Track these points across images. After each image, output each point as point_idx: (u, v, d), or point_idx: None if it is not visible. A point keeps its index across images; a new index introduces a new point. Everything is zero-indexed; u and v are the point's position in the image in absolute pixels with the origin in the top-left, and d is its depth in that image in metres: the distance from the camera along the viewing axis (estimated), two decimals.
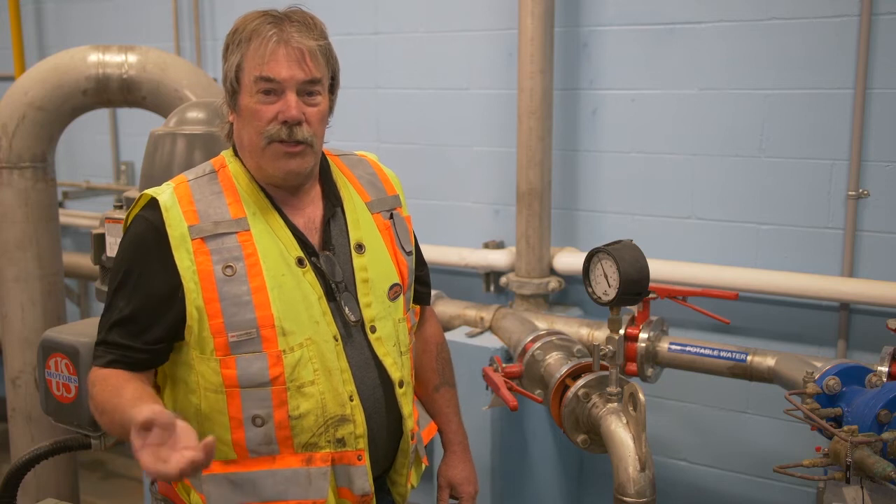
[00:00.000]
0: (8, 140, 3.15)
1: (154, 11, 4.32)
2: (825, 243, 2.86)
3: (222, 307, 1.62)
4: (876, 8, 2.70)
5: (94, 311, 4.83)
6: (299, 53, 1.64)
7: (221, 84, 1.73)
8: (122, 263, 1.69)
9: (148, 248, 1.65)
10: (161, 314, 1.65)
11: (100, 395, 1.63)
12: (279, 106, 1.64)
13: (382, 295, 1.79)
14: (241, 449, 1.68)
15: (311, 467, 1.69)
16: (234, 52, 1.66)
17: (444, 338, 2.12)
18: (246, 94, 1.65)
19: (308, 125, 1.66)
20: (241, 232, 1.66)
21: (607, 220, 3.24)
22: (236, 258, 1.64)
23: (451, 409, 2.07)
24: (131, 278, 1.66)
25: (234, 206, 1.68)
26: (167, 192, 1.69)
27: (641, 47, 3.10)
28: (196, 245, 1.63)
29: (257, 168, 1.70)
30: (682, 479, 3.22)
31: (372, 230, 1.82)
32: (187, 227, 1.64)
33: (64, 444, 2.30)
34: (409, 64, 3.59)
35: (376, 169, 1.93)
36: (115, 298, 1.67)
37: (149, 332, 1.65)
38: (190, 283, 1.62)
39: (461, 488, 2.05)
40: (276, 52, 1.62)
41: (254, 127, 1.66)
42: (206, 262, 1.63)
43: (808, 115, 2.84)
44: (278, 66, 1.62)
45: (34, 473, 2.52)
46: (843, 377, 2.07)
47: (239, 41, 1.65)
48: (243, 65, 1.64)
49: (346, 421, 1.70)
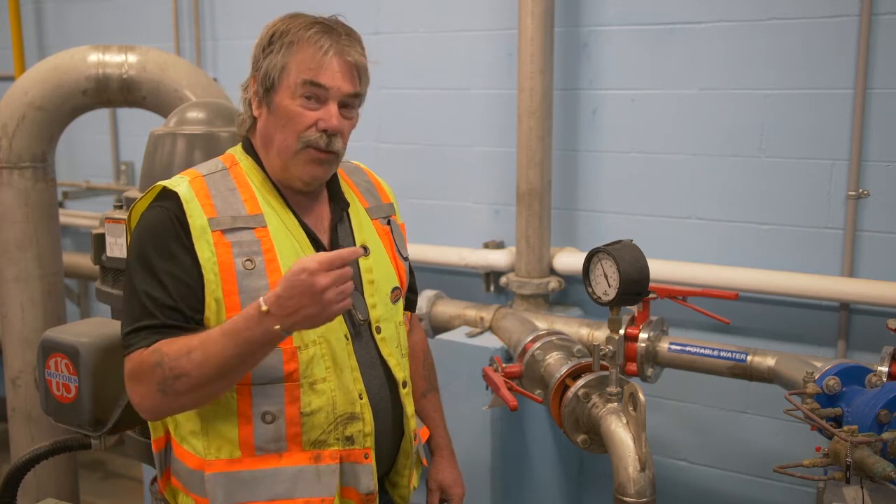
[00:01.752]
0: (8, 140, 3.15)
1: (154, 11, 4.32)
2: (825, 243, 2.86)
3: (241, 300, 1.63)
4: (876, 8, 2.70)
5: (94, 311, 4.83)
6: (351, 67, 1.68)
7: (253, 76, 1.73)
8: (142, 252, 1.64)
9: (170, 235, 1.63)
10: (195, 296, 1.63)
11: (175, 344, 1.56)
12: (320, 114, 1.67)
13: (386, 297, 1.83)
14: (247, 447, 1.68)
15: (321, 465, 1.70)
16: (279, 51, 1.67)
17: (428, 344, 2.18)
18: (286, 94, 1.67)
19: (341, 137, 1.71)
20: (258, 228, 1.67)
21: (607, 220, 3.24)
22: (255, 252, 1.65)
23: (437, 414, 2.12)
24: (157, 265, 1.62)
25: (250, 203, 1.69)
26: (184, 185, 1.68)
27: (641, 47, 3.10)
28: (216, 237, 1.63)
29: (282, 168, 1.71)
30: (682, 479, 3.22)
31: (373, 235, 1.87)
32: (207, 219, 1.64)
33: (64, 444, 2.30)
34: (409, 64, 3.59)
35: (371, 177, 1.99)
36: (142, 285, 1.62)
37: (189, 312, 1.62)
38: (210, 274, 1.62)
39: (451, 490, 2.09)
40: (331, 62, 1.66)
41: (291, 129, 1.67)
42: (227, 255, 1.63)
43: (808, 115, 2.84)
44: (330, 76, 1.66)
45: (34, 473, 2.51)
46: (843, 377, 2.07)
47: (289, 42, 1.66)
48: (289, 66, 1.66)
49: (355, 419, 1.72)
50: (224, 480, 1.69)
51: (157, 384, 1.57)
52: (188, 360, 1.55)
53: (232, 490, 1.69)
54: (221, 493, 1.68)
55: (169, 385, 1.57)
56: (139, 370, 1.60)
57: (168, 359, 1.56)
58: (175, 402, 1.61)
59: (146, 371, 1.58)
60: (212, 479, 1.69)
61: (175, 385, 1.56)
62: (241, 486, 1.69)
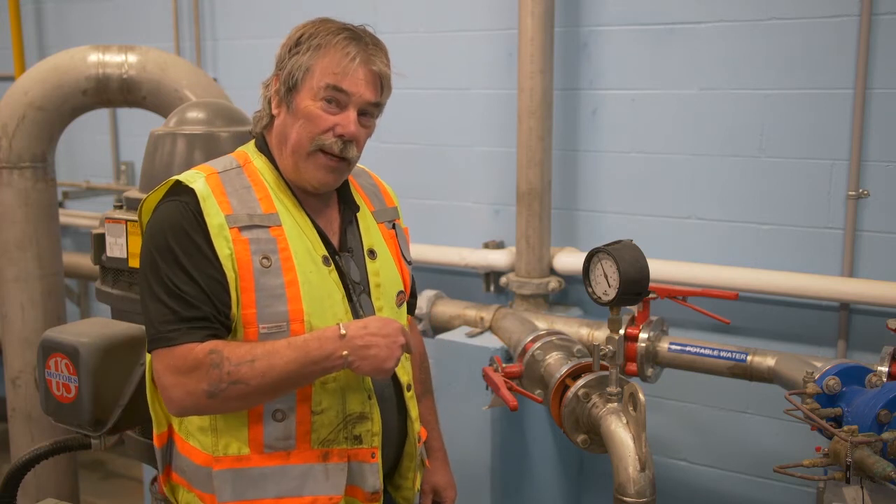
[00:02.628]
0: (8, 140, 3.15)
1: (154, 11, 4.32)
2: (825, 243, 2.86)
3: (257, 297, 1.63)
4: (876, 8, 2.70)
5: (94, 311, 4.83)
6: (375, 76, 1.70)
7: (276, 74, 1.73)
8: (165, 245, 1.62)
9: (193, 227, 1.62)
10: (224, 290, 1.62)
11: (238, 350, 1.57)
12: (339, 119, 1.67)
13: (391, 300, 1.85)
14: (256, 444, 1.69)
15: (329, 463, 1.70)
16: (305, 52, 1.68)
17: (424, 347, 2.19)
18: (307, 95, 1.67)
19: (356, 144, 1.71)
20: (273, 227, 1.67)
21: (607, 220, 3.24)
22: (272, 251, 1.65)
23: (433, 418, 2.13)
24: (184, 258, 1.61)
25: (265, 202, 1.69)
26: (201, 181, 1.67)
27: (641, 47, 3.09)
28: (234, 234, 1.63)
29: (294, 168, 1.71)
30: (682, 479, 3.22)
31: (380, 238, 1.88)
32: (224, 216, 1.64)
33: (64, 444, 2.29)
34: (408, 64, 3.58)
35: (376, 180, 2.00)
36: (173, 277, 1.60)
37: (222, 306, 1.62)
38: (229, 271, 1.62)
39: (445, 493, 2.10)
40: (357, 70, 1.67)
41: (307, 130, 1.68)
42: (245, 252, 1.63)
43: (808, 115, 2.84)
44: (354, 82, 1.67)
45: (34, 473, 2.51)
46: (843, 377, 2.07)
47: (317, 46, 1.67)
48: (314, 69, 1.67)
49: (364, 418, 1.73)
50: (232, 477, 1.69)
51: (209, 385, 1.56)
52: (250, 368, 1.56)
53: (240, 487, 1.69)
54: (229, 489, 1.69)
55: (223, 389, 1.56)
56: (192, 366, 1.57)
57: (229, 363, 1.56)
58: (216, 406, 1.61)
59: (202, 371, 1.57)
60: (220, 476, 1.69)
61: (229, 390, 1.56)
62: (249, 484, 1.69)
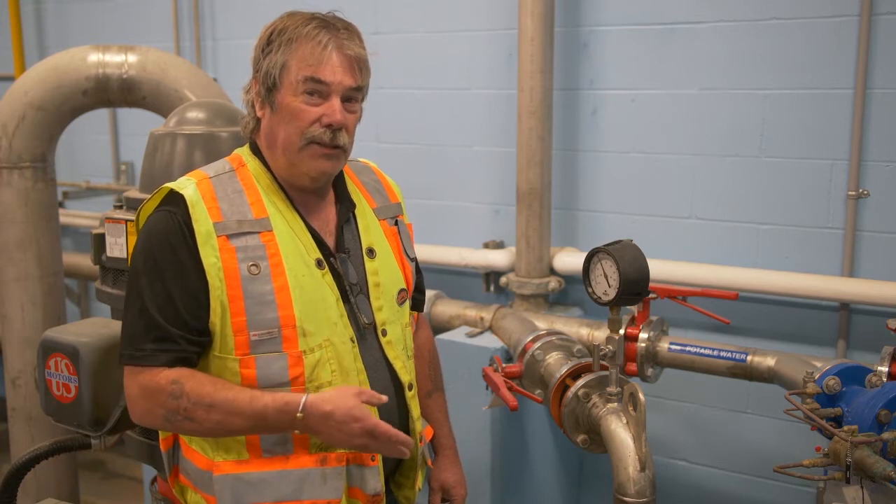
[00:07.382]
0: (8, 140, 3.15)
1: (154, 11, 4.32)
2: (825, 243, 2.86)
3: (246, 305, 1.63)
4: (876, 8, 2.70)
5: (94, 311, 4.83)
6: (350, 61, 1.68)
7: (254, 77, 1.73)
8: (150, 258, 1.65)
9: (178, 243, 1.63)
10: (201, 306, 1.64)
11: (200, 389, 1.60)
12: (323, 109, 1.66)
13: (392, 299, 1.83)
14: (254, 448, 1.69)
15: (327, 467, 1.70)
16: (278, 49, 1.67)
17: (434, 344, 2.16)
18: (288, 92, 1.66)
19: (346, 131, 1.70)
20: (263, 232, 1.67)
21: (607, 220, 3.24)
22: (260, 257, 1.65)
23: (442, 414, 2.11)
24: (166, 273, 1.63)
25: (257, 206, 1.69)
26: (191, 188, 1.67)
27: (641, 47, 3.09)
28: (221, 242, 1.63)
29: (288, 166, 1.71)
30: (682, 479, 3.22)
31: (380, 236, 1.86)
32: (212, 223, 1.64)
33: (64, 444, 2.30)
34: (408, 64, 3.59)
35: (379, 176, 1.97)
36: (150, 294, 1.63)
37: (196, 323, 1.64)
38: (215, 280, 1.62)
39: (454, 491, 2.07)
40: (330, 57, 1.65)
41: (294, 126, 1.67)
42: (232, 260, 1.63)
43: (808, 115, 2.84)
44: (331, 70, 1.65)
45: (34, 473, 2.51)
46: (843, 377, 2.07)
47: (288, 40, 1.66)
48: (289, 64, 1.66)
49: None
50: (231, 482, 1.69)
51: (165, 411, 1.63)
52: (205, 413, 1.60)
53: (239, 491, 1.69)
54: (229, 494, 1.69)
55: (178, 420, 1.63)
56: (152, 391, 1.63)
57: (187, 400, 1.60)
58: (172, 429, 1.71)
59: (161, 397, 1.62)
60: (220, 481, 1.69)
61: (184, 423, 1.63)
62: (248, 488, 1.69)
